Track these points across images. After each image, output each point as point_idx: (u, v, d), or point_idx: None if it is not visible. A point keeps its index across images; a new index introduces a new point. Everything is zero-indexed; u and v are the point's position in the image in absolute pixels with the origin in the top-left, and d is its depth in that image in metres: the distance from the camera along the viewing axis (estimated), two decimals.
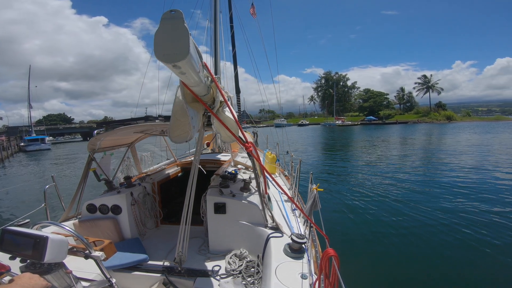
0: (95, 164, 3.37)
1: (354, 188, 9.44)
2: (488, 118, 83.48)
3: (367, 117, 78.60)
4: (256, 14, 9.94)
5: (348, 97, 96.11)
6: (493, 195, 8.05)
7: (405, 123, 68.52)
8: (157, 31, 1.21)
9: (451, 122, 69.07)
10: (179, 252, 2.23)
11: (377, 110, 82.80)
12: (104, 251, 1.79)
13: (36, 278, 1.19)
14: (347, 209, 7.27)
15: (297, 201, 3.43)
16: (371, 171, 12.41)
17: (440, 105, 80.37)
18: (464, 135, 31.63)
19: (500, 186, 9.06)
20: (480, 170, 11.63)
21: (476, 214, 6.55)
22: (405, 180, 10.32)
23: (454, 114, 77.55)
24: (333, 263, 1.48)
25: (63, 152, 34.14)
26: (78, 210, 3.28)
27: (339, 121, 75.35)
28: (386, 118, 77.03)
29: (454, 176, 10.65)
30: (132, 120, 2.98)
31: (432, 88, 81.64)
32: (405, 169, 12.66)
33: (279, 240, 2.39)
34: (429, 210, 6.89)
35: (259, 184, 2.66)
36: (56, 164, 22.01)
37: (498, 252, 4.80)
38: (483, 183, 9.40)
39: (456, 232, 5.64)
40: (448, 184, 9.42)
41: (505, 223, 5.94)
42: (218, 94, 1.97)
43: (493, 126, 49.67)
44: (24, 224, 2.12)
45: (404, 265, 4.61)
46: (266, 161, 5.62)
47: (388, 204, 7.52)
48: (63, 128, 73.79)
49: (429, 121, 69.80)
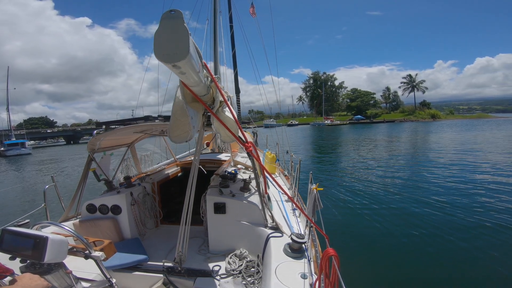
0: (95, 164, 3.37)
1: (354, 187, 9.45)
2: (470, 116, 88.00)
3: (355, 117, 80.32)
4: (256, 14, 9.94)
5: (336, 96, 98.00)
6: (494, 195, 8.06)
7: (392, 121, 70.85)
8: (157, 31, 1.21)
9: (436, 120, 71.62)
10: (179, 252, 2.23)
11: (364, 109, 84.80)
12: (104, 251, 1.80)
13: (37, 278, 1.19)
14: (347, 208, 7.28)
15: (297, 201, 3.43)
16: (371, 171, 12.41)
17: (425, 104, 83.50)
18: (453, 133, 32.20)
19: (499, 185, 9.08)
20: (476, 168, 11.65)
21: (480, 214, 6.54)
22: (405, 180, 10.32)
23: (438, 113, 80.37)
24: (333, 262, 1.48)
25: (44, 156, 33.33)
26: (78, 210, 3.28)
27: (328, 120, 76.41)
28: (374, 117, 79.20)
29: (454, 177, 10.64)
30: (131, 120, 2.97)
31: (417, 87, 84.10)
32: (405, 168, 12.67)
33: (279, 240, 2.40)
34: (430, 210, 6.89)
35: (259, 184, 2.66)
36: (38, 170, 20.68)
37: (498, 252, 4.81)
38: (483, 183, 9.41)
39: (457, 232, 5.64)
40: (449, 184, 9.43)
41: (507, 222, 5.95)
42: (218, 94, 1.97)
43: (477, 123, 51.11)
44: (24, 224, 2.12)
45: (405, 265, 4.61)
46: (266, 161, 5.62)
47: (388, 204, 7.52)
48: (45, 132, 72.09)
49: (414, 120, 72.24)
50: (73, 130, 75.88)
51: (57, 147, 56.26)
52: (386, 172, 12.07)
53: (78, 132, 73.21)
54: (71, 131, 74.23)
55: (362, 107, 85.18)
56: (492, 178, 9.96)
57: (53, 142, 74.35)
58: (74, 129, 78.39)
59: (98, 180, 3.43)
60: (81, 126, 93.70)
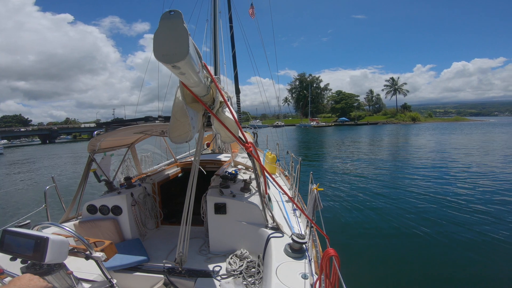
0: (95, 165, 3.37)
1: (353, 188, 9.44)
2: (448, 119, 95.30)
3: (340, 118, 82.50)
4: (255, 15, 9.94)
5: (321, 98, 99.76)
6: (495, 195, 8.05)
7: (376, 123, 73.97)
8: (156, 32, 1.21)
9: (417, 123, 75.90)
10: (180, 252, 2.23)
11: (348, 111, 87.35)
12: (105, 252, 1.80)
13: (36, 279, 1.19)
14: (348, 208, 7.27)
15: (297, 201, 3.43)
16: (370, 170, 12.41)
17: (406, 107, 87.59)
18: (442, 135, 32.80)
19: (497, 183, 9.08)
20: (479, 169, 11.65)
21: (479, 213, 6.54)
22: (404, 180, 10.32)
23: (418, 115, 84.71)
24: (334, 263, 1.48)
25: (17, 156, 31.91)
26: (78, 211, 3.28)
27: (314, 122, 77.34)
28: (358, 119, 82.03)
29: (456, 176, 10.65)
30: (132, 120, 2.97)
31: (399, 90, 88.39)
32: (405, 167, 12.66)
33: (280, 240, 2.39)
34: (430, 210, 6.89)
35: (259, 184, 2.66)
36: (8, 174, 18.48)
37: (499, 253, 4.80)
38: (487, 185, 9.41)
39: (458, 232, 5.64)
40: (450, 184, 9.43)
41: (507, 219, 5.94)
42: (217, 94, 1.96)
43: (458, 126, 54.40)
44: (24, 225, 2.12)
45: (405, 265, 4.61)
46: (266, 161, 5.62)
47: (389, 204, 7.51)
48: (18, 131, 68.64)
49: (396, 122, 76.44)
50: (49, 129, 71.94)
51: (32, 147, 54.78)
52: (386, 172, 12.06)
53: (55, 131, 70.21)
54: (46, 130, 70.69)
55: (346, 109, 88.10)
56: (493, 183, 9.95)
57: (27, 141, 71.82)
58: (50, 128, 74.40)
59: (99, 180, 3.43)
60: (58, 125, 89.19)
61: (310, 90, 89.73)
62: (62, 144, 58.00)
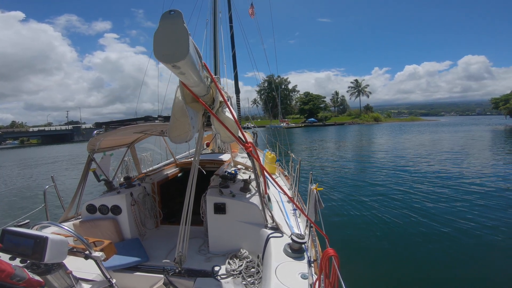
0: (95, 165, 3.37)
1: (353, 188, 9.44)
2: (405, 119, 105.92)
3: (309, 119, 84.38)
4: (255, 14, 9.94)
5: (290, 100, 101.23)
6: (496, 195, 8.06)
7: (342, 124, 77.77)
8: (156, 32, 1.21)
9: (379, 123, 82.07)
10: (179, 252, 2.22)
11: (315, 112, 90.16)
12: (104, 252, 1.80)
13: None
14: (347, 209, 7.27)
15: (297, 201, 3.43)
16: (370, 170, 12.42)
17: (368, 108, 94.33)
18: (410, 134, 34.32)
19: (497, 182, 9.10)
20: (469, 169, 11.68)
21: (481, 215, 6.55)
22: (404, 180, 10.32)
23: (380, 116, 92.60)
24: (333, 263, 1.48)
25: None
26: (78, 211, 3.28)
27: (284, 123, 76.85)
28: (325, 120, 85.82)
29: (457, 177, 10.65)
30: (131, 120, 2.98)
31: (362, 91, 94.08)
32: (404, 168, 12.66)
33: (279, 240, 2.40)
34: (430, 210, 6.89)
35: (259, 184, 2.66)
36: None
37: (499, 253, 4.81)
38: (486, 185, 9.43)
39: (458, 232, 5.64)
40: (450, 184, 9.43)
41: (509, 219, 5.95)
42: (217, 94, 1.97)
43: (415, 125, 59.18)
44: (24, 224, 2.12)
45: (405, 264, 4.61)
46: (266, 161, 5.62)
47: (388, 204, 7.51)
48: None
49: (361, 122, 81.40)
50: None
51: None
52: (385, 172, 12.06)
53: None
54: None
55: (314, 110, 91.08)
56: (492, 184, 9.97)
57: None
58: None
59: (98, 180, 3.43)
60: (3, 129, 77.09)
61: (279, 92, 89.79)
62: (8, 150, 50.12)
